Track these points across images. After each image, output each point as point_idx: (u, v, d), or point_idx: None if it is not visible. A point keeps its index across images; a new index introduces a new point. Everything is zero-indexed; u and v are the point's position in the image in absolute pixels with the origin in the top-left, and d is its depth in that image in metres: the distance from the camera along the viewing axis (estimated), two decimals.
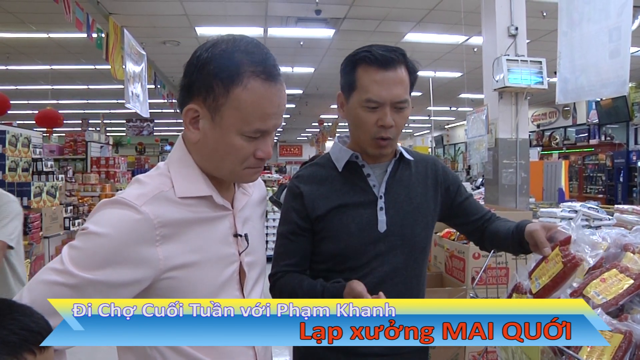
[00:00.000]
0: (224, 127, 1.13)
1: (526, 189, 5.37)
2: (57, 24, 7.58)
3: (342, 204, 1.57)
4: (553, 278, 1.27)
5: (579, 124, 14.36)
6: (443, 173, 1.72)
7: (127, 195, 1.11)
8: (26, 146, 6.14)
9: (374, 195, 1.59)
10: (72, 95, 14.55)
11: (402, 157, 1.65)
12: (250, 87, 1.11)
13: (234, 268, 1.23)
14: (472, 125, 5.76)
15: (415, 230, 1.61)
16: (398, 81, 1.50)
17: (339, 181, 1.60)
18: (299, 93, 14.71)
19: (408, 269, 1.59)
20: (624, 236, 1.49)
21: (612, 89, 4.15)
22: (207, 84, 1.12)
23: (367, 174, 1.61)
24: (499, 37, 5.27)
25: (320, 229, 1.58)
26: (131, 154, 20.03)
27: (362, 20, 8.11)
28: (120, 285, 1.07)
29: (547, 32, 7.85)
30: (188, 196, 1.16)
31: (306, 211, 1.58)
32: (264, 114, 1.13)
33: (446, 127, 23.75)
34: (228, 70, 1.11)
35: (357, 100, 1.52)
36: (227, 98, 1.11)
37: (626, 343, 1.08)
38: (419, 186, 1.65)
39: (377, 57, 1.49)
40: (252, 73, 1.11)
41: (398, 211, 1.59)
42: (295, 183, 1.63)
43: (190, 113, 1.16)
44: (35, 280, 1.07)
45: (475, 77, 8.10)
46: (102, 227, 1.07)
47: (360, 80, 1.51)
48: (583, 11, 4.32)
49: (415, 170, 1.67)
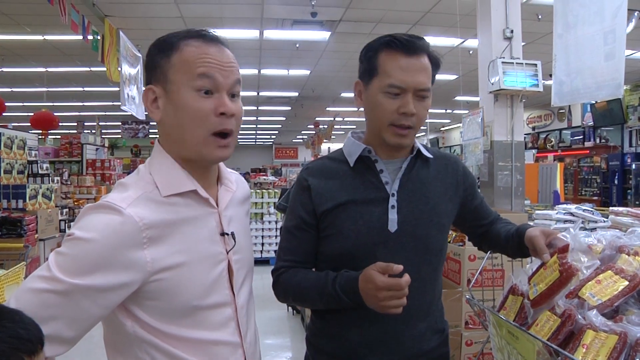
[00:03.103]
0: (175, 90, 1.18)
1: (521, 191, 5.38)
2: (53, 25, 7.57)
3: (350, 200, 1.49)
4: (549, 286, 1.27)
5: (574, 126, 14.42)
6: (463, 174, 1.65)
7: (112, 199, 1.11)
8: (21, 148, 6.12)
9: (385, 192, 1.51)
10: (67, 98, 14.52)
11: (420, 154, 1.57)
12: (186, 46, 1.19)
13: (223, 266, 1.24)
14: (467, 128, 5.77)
15: (430, 232, 1.52)
16: (422, 68, 1.45)
17: (350, 176, 1.53)
18: (294, 95, 14.70)
19: (421, 273, 1.49)
20: (618, 238, 1.49)
21: (607, 92, 4.16)
22: (153, 64, 1.22)
23: (380, 169, 1.53)
24: (495, 40, 5.28)
25: (327, 225, 1.50)
26: (127, 156, 19.99)
27: (358, 23, 8.12)
28: (108, 289, 1.07)
29: (542, 34, 7.88)
30: (173, 193, 1.17)
31: (313, 205, 1.51)
32: (204, 62, 1.18)
33: (442, 130, 23.80)
34: (166, 43, 1.21)
35: (378, 85, 1.46)
36: (170, 63, 1.19)
37: (621, 344, 1.08)
38: (437, 185, 1.57)
39: (403, 42, 1.44)
40: (187, 37, 1.20)
41: (412, 210, 1.50)
42: (304, 175, 1.57)
43: (149, 94, 1.22)
44: (22, 289, 1.06)
45: (470, 79, 8.13)
46: (88, 232, 1.06)
47: (383, 65, 1.45)
48: (578, 14, 4.33)
49: (434, 169, 1.59)
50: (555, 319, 1.24)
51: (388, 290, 1.28)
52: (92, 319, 1.09)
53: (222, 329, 1.23)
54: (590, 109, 12.94)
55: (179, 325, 1.16)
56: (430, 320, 1.57)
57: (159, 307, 1.14)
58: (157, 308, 1.14)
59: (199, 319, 1.19)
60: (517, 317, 1.41)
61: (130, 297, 1.11)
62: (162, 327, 1.15)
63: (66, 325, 1.05)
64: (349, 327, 1.52)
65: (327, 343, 1.57)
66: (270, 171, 18.81)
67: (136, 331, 1.14)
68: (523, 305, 1.40)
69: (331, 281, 1.43)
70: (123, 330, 1.15)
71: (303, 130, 24.84)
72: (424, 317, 1.55)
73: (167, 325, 1.15)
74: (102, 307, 1.08)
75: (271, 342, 5.31)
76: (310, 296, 1.49)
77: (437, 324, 1.59)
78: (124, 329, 1.15)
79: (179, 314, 1.16)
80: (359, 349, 1.50)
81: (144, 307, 1.14)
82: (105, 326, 1.20)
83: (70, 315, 1.05)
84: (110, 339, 1.21)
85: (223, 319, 1.23)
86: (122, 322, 1.15)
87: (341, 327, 1.53)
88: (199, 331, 1.18)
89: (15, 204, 5.92)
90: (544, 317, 1.27)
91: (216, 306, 1.22)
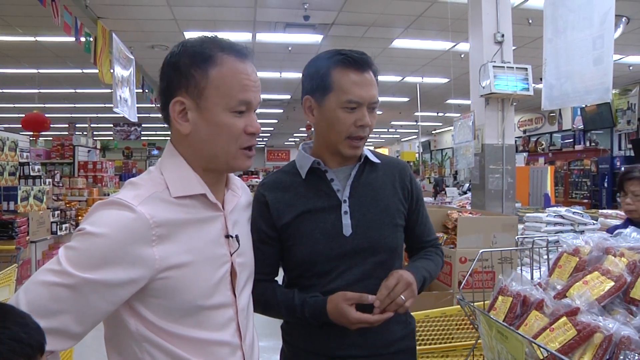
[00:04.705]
0: (211, 108, 1.19)
1: (512, 194, 5.43)
2: (44, 27, 7.55)
3: (306, 210, 1.57)
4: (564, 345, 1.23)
5: (564, 129, 14.53)
6: (411, 180, 1.70)
7: (123, 196, 1.13)
8: (13, 150, 6.10)
9: (337, 199, 1.58)
10: (59, 99, 14.44)
11: (368, 160, 1.65)
12: (225, 64, 1.19)
13: (226, 268, 1.26)
14: (459, 131, 5.82)
15: (383, 232, 1.60)
16: (372, 83, 1.54)
17: (303, 187, 1.60)
18: (286, 98, 14.70)
19: (378, 271, 1.57)
20: (605, 240, 1.52)
21: (596, 96, 4.22)
22: (186, 74, 1.20)
23: (330, 178, 1.60)
24: (486, 44, 5.33)
25: (288, 236, 1.58)
26: (118, 158, 19.92)
27: (351, 26, 8.16)
28: (117, 285, 1.08)
29: (532, 39, 7.95)
30: (183, 195, 1.19)
31: (272, 220, 1.57)
32: (242, 86, 1.20)
33: (433, 133, 23.88)
34: (201, 56, 1.20)
35: (335, 101, 1.53)
36: (207, 80, 1.19)
37: (607, 342, 1.11)
38: (386, 188, 1.64)
39: (355, 60, 1.52)
40: (223, 52, 1.21)
41: (364, 214, 1.58)
42: (261, 191, 1.63)
43: (177, 106, 1.21)
44: (32, 281, 1.07)
45: (462, 83, 8.18)
46: (99, 227, 1.08)
47: (338, 82, 1.52)
48: (567, 19, 4.39)
49: (382, 173, 1.66)
50: (543, 318, 1.27)
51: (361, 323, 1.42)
52: (99, 314, 1.10)
53: (223, 329, 1.25)
54: (581, 112, 13.05)
55: (182, 325, 1.18)
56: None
57: (164, 306, 1.16)
58: (161, 306, 1.16)
59: (202, 319, 1.21)
60: (506, 317, 1.44)
61: (135, 295, 1.13)
62: (165, 326, 1.16)
63: (74, 320, 1.07)
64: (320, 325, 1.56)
65: (300, 338, 1.65)
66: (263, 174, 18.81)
67: (139, 329, 1.16)
68: (512, 305, 1.43)
69: (299, 309, 1.52)
70: (125, 329, 1.17)
71: (295, 133, 24.84)
72: None
73: (170, 324, 1.17)
74: (109, 302, 1.10)
75: (264, 345, 5.23)
76: (280, 313, 1.60)
77: (399, 316, 1.60)
78: (126, 328, 1.16)
79: (183, 313, 1.18)
80: (329, 342, 1.57)
81: (149, 305, 1.15)
82: (107, 325, 1.21)
83: (79, 310, 1.07)
84: (111, 338, 1.22)
85: (224, 320, 1.26)
86: (125, 320, 1.16)
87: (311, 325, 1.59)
88: (201, 331, 1.20)
89: (7, 205, 5.91)
90: (533, 317, 1.30)
91: (219, 307, 1.24)
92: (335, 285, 1.53)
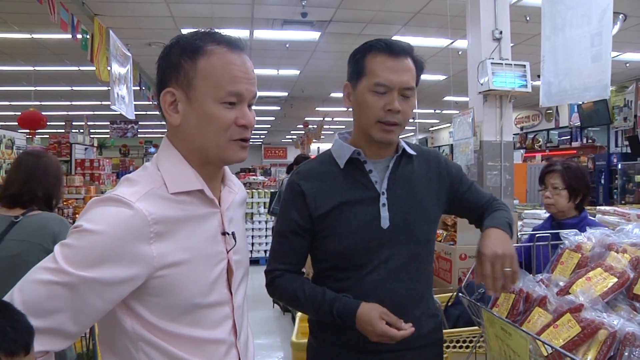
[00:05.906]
0: (200, 98, 1.17)
1: (510, 190, 5.43)
2: (41, 24, 7.50)
3: (343, 202, 1.57)
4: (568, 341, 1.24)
5: (561, 126, 14.54)
6: (446, 166, 1.72)
7: (120, 192, 1.11)
8: (10, 148, 6.09)
9: (376, 191, 1.59)
10: (55, 97, 14.38)
11: (404, 152, 1.65)
12: (214, 54, 1.18)
13: (223, 266, 1.25)
14: (458, 128, 5.82)
15: (418, 225, 1.60)
16: (406, 69, 1.54)
17: (341, 178, 1.60)
18: (284, 95, 14.69)
19: (413, 264, 1.59)
20: (607, 236, 1.53)
21: (595, 93, 4.22)
22: (176, 64, 1.19)
23: (369, 170, 1.60)
24: (484, 41, 5.33)
25: (323, 227, 1.57)
26: (115, 156, 19.85)
27: (349, 23, 8.14)
28: (114, 283, 1.07)
29: (530, 36, 7.95)
30: (180, 191, 1.17)
31: (308, 210, 1.57)
32: (232, 77, 1.18)
33: (430, 130, 23.90)
34: (191, 46, 1.18)
35: (365, 85, 1.55)
36: (196, 70, 1.17)
37: (611, 339, 1.12)
38: (421, 181, 1.65)
39: (388, 44, 1.54)
40: (214, 43, 1.19)
41: (401, 207, 1.58)
42: (296, 180, 1.62)
43: (167, 97, 1.20)
44: (27, 280, 1.05)
45: (460, 80, 8.18)
46: (96, 224, 1.06)
47: (369, 66, 1.54)
48: (566, 16, 4.39)
49: (417, 165, 1.67)
50: (547, 315, 1.27)
51: (383, 336, 1.43)
52: (95, 313, 1.09)
53: (219, 327, 1.24)
54: (577, 109, 13.06)
55: (179, 323, 1.16)
56: (424, 306, 1.65)
57: (161, 304, 1.14)
58: (158, 305, 1.14)
59: (198, 317, 1.19)
60: (509, 314, 1.44)
61: (132, 293, 1.11)
62: (162, 325, 1.15)
63: (70, 319, 1.05)
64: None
65: (329, 332, 1.63)
66: (260, 171, 18.77)
67: (135, 328, 1.14)
68: (515, 302, 1.43)
69: (328, 304, 1.51)
70: (120, 328, 1.15)
71: (292, 130, 24.81)
72: (418, 304, 1.63)
73: (166, 323, 1.15)
74: (107, 301, 1.08)
75: (262, 342, 5.31)
76: (306, 308, 1.59)
77: (430, 309, 1.68)
78: (121, 327, 1.14)
79: (180, 311, 1.16)
80: (360, 337, 1.54)
81: (145, 304, 1.14)
82: (101, 324, 1.19)
83: (75, 309, 1.05)
84: (106, 338, 1.20)
85: (220, 317, 1.24)
86: (121, 319, 1.14)
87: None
88: (197, 329, 1.19)
89: None
90: (536, 313, 1.30)
91: (215, 305, 1.23)
92: (370, 279, 1.54)
